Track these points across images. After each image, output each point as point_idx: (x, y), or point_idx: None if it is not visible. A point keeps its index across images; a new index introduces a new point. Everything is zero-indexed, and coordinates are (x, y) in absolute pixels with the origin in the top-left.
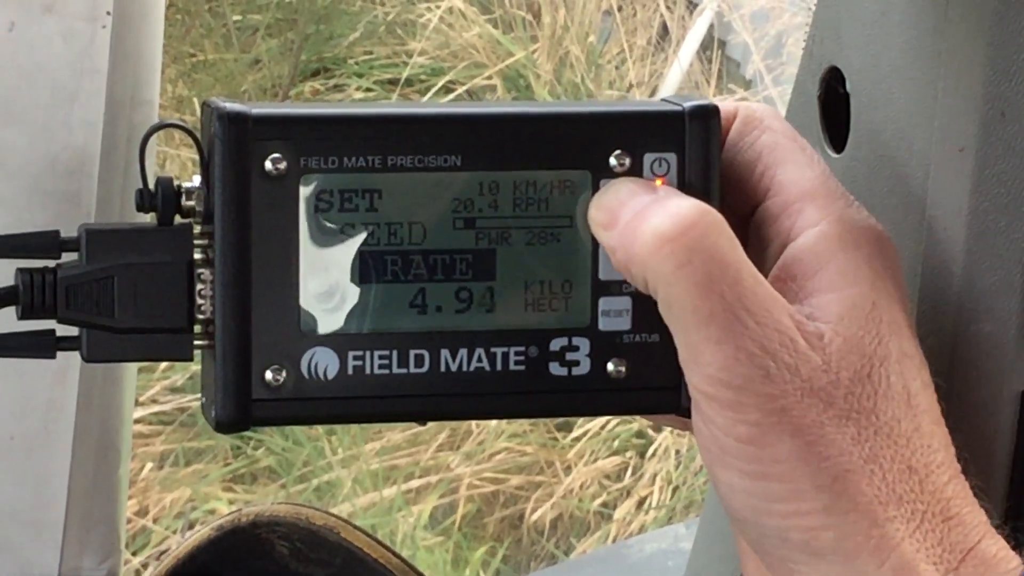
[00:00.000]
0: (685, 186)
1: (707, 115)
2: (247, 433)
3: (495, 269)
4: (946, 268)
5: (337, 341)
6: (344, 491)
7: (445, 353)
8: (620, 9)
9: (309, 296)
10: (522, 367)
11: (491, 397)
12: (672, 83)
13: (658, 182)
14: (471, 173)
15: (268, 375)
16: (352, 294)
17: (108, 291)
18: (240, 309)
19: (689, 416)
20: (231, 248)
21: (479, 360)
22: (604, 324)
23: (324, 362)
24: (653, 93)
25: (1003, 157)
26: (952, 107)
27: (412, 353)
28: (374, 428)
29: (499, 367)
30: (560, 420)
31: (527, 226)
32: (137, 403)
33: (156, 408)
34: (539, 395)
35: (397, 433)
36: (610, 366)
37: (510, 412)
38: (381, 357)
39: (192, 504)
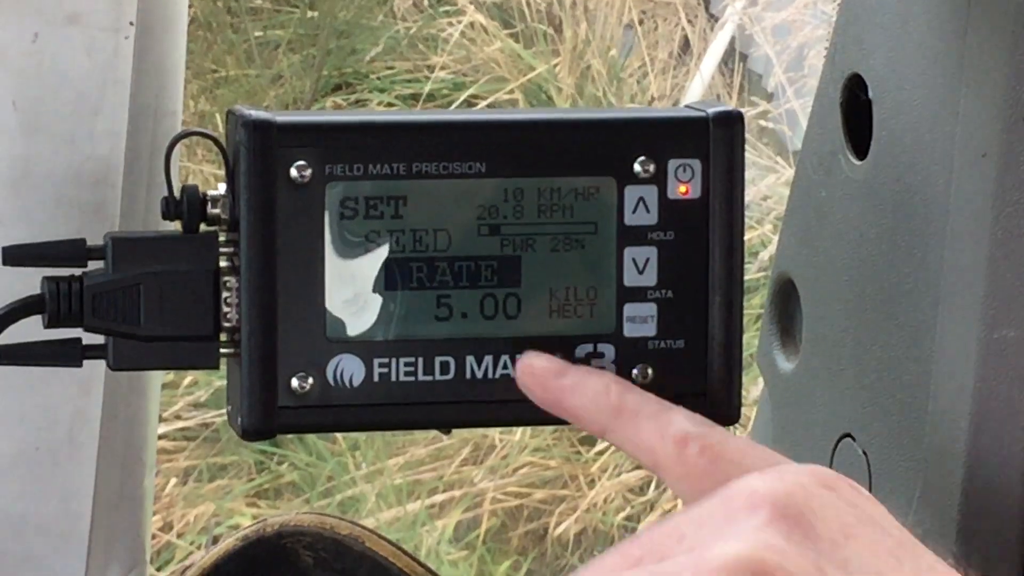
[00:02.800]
0: (710, 192)
1: (731, 121)
2: (271, 448)
3: (520, 276)
4: (969, 273)
5: (363, 348)
6: (368, 506)
7: (470, 360)
8: (641, 23)
9: (335, 303)
10: None
11: (516, 404)
12: (694, 96)
13: (682, 188)
14: (496, 180)
15: (294, 383)
16: (377, 301)
17: (134, 299)
18: (266, 317)
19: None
20: (257, 256)
21: (504, 367)
22: (629, 330)
23: (350, 369)
24: (675, 106)
25: None
26: (974, 112)
27: (437, 360)
28: (397, 443)
29: None
30: (583, 434)
31: (552, 232)
32: (161, 419)
33: (180, 424)
34: None
35: (420, 447)
36: (635, 372)
37: (535, 419)
38: (407, 364)
39: (216, 519)
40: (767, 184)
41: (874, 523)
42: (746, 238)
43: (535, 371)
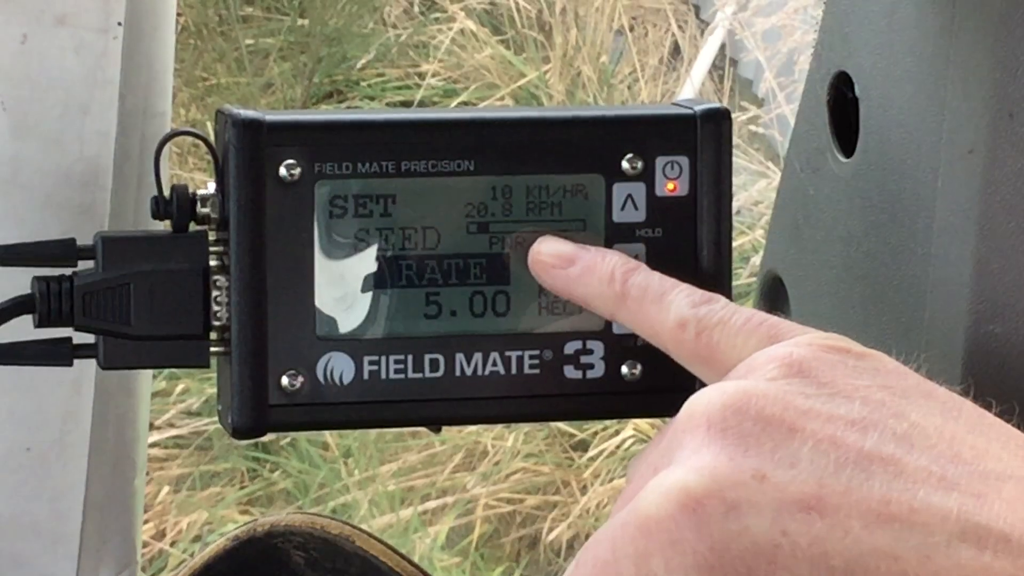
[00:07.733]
0: (697, 189)
1: (719, 118)
2: (263, 455)
3: (509, 273)
4: (956, 270)
5: (353, 346)
6: (361, 513)
7: (460, 357)
8: (632, 29)
9: (324, 301)
10: (537, 371)
11: (506, 401)
12: None
13: (670, 185)
14: (484, 178)
15: (284, 380)
16: (367, 299)
17: (124, 298)
18: (256, 315)
19: None
20: (246, 254)
21: (494, 364)
22: (618, 327)
23: (340, 367)
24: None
25: (1012, 158)
26: (961, 109)
27: (427, 357)
28: (390, 449)
29: (514, 371)
30: (576, 440)
31: (540, 230)
32: (153, 427)
33: (172, 432)
34: (554, 398)
35: (413, 454)
36: (624, 369)
37: (525, 416)
38: (396, 362)
39: (209, 527)
40: (758, 189)
41: (847, 396)
42: (737, 243)
43: (544, 260)
